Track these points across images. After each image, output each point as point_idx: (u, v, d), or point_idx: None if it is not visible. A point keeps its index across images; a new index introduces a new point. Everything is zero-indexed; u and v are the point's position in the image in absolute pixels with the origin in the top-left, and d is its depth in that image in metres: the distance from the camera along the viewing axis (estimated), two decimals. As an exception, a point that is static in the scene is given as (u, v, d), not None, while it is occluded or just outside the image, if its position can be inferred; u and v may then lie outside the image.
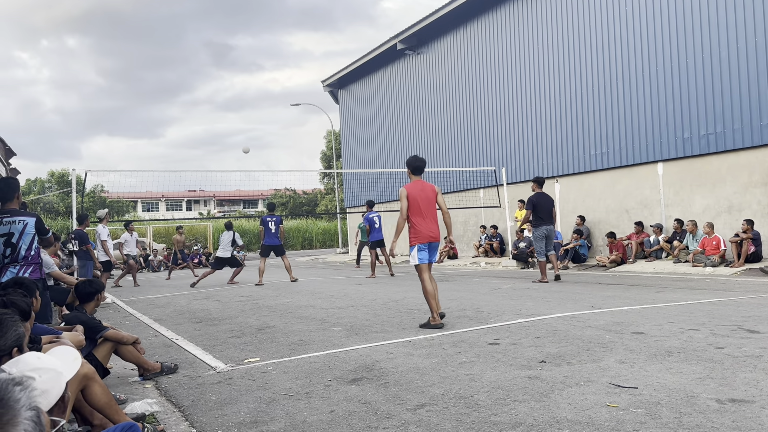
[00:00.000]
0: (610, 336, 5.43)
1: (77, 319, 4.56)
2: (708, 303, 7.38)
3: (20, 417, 1.23)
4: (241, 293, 11.60)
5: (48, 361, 2.30)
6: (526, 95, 17.94)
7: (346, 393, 4.07)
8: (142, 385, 4.72)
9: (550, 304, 7.85)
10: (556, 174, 16.97)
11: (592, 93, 15.88)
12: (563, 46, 16.65)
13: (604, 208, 15.78)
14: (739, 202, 12.87)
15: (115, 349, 4.74)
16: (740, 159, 12.82)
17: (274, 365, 5.06)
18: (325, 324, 7.09)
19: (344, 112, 28.38)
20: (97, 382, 3.28)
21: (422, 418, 3.46)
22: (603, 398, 3.60)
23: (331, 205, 47.87)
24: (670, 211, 14.16)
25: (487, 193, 19.11)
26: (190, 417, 3.83)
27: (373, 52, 24.36)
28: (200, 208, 71.85)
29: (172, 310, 9.52)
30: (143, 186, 17.06)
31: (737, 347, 4.74)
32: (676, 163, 14.03)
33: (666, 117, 14.08)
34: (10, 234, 5.37)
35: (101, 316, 6.75)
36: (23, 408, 1.25)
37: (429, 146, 22.08)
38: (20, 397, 1.27)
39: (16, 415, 1.24)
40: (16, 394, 1.27)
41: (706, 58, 13.25)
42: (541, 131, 17.44)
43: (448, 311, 7.52)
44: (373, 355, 5.21)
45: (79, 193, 12.81)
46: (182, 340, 6.63)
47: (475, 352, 5.08)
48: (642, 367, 4.27)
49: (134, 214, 62.43)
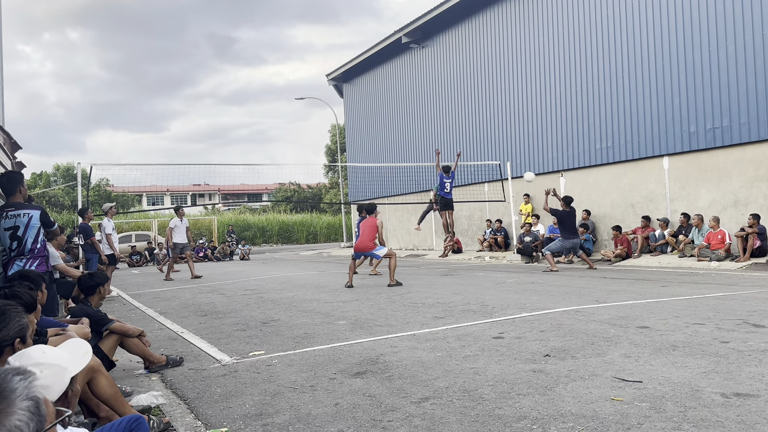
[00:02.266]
0: (614, 330, 5.42)
1: (83, 312, 4.59)
2: (713, 297, 7.36)
3: (14, 407, 1.23)
4: (246, 287, 11.62)
5: (53, 355, 2.29)
6: (532, 89, 17.87)
7: (351, 386, 4.08)
8: (148, 378, 4.74)
9: (555, 298, 7.84)
10: (562, 168, 16.93)
11: (597, 87, 15.81)
12: (569, 40, 16.57)
13: (610, 203, 15.74)
14: (745, 197, 12.81)
15: (121, 342, 4.77)
16: (746, 153, 12.75)
17: (279, 358, 5.07)
18: (329, 317, 7.11)
19: (349, 106, 28.34)
20: (102, 374, 3.29)
21: (426, 411, 3.47)
22: (607, 392, 3.60)
23: (336, 199, 47.90)
24: (676, 205, 14.11)
25: (491, 187, 19.07)
26: (196, 409, 3.85)
27: (377, 45, 24.30)
28: (205, 201, 72.00)
29: (178, 303, 9.55)
30: (148, 180, 17.12)
31: (742, 341, 4.73)
32: (681, 157, 13.97)
33: (672, 111, 14.01)
34: (16, 227, 5.39)
35: (107, 309, 6.78)
36: (19, 398, 1.25)
37: (433, 140, 22.04)
38: (17, 387, 1.27)
39: (10, 405, 1.24)
40: (13, 384, 1.27)
41: (713, 51, 13.16)
42: (547, 125, 17.38)
43: (453, 305, 7.52)
44: (378, 348, 5.22)
45: (85, 187, 12.83)
46: (187, 333, 6.65)
47: (479, 345, 5.08)
48: (647, 361, 4.26)
49: (139, 207, 62.60)
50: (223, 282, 13.08)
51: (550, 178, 17.16)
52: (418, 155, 22.66)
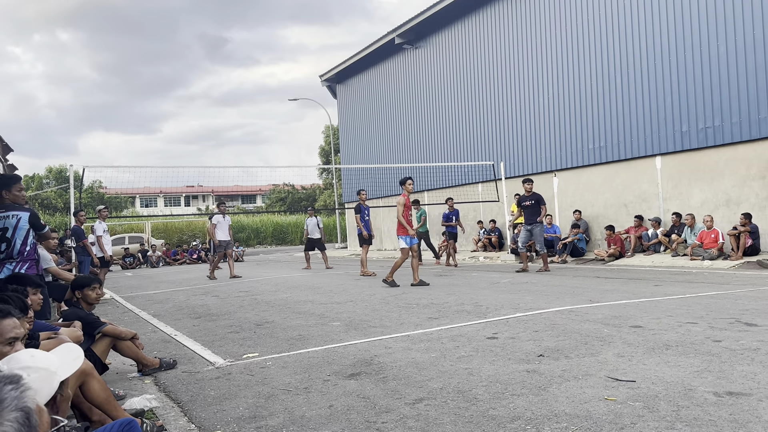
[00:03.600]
0: (608, 330, 5.44)
1: (75, 315, 4.56)
2: (706, 296, 7.39)
3: (2, 418, 1.21)
4: (240, 288, 11.60)
5: (42, 359, 2.26)
6: (525, 89, 17.91)
7: (345, 388, 4.07)
8: (141, 381, 4.72)
9: (549, 298, 7.86)
10: (555, 168, 16.97)
11: (589, 87, 15.86)
12: (561, 41, 16.61)
13: (603, 202, 15.79)
14: (737, 196, 12.88)
15: (114, 345, 4.74)
16: (738, 152, 12.82)
17: (273, 360, 5.06)
18: (323, 319, 7.10)
19: (342, 107, 28.33)
20: (95, 378, 3.27)
21: (420, 412, 3.47)
22: (601, 392, 3.61)
23: (330, 200, 47.84)
24: (669, 204, 14.17)
25: (485, 187, 19.10)
26: (189, 412, 3.83)
27: (370, 46, 24.30)
28: (199, 203, 71.80)
29: (171, 306, 9.52)
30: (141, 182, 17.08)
31: (735, 340, 4.75)
32: (674, 157, 14.03)
33: (664, 110, 14.07)
34: (5, 229, 5.32)
35: (99, 312, 6.75)
36: (8, 408, 1.22)
37: (427, 140, 22.06)
38: (6, 397, 1.24)
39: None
40: (3, 393, 1.24)
41: (704, 51, 13.23)
42: (540, 125, 17.43)
43: (447, 306, 7.53)
44: (372, 349, 5.21)
45: (77, 189, 12.78)
46: (181, 335, 6.63)
47: (473, 346, 5.09)
48: (640, 361, 4.27)
49: (132, 209, 62.35)
50: (216, 284, 13.05)
51: (543, 178, 17.20)
52: (412, 156, 22.67)
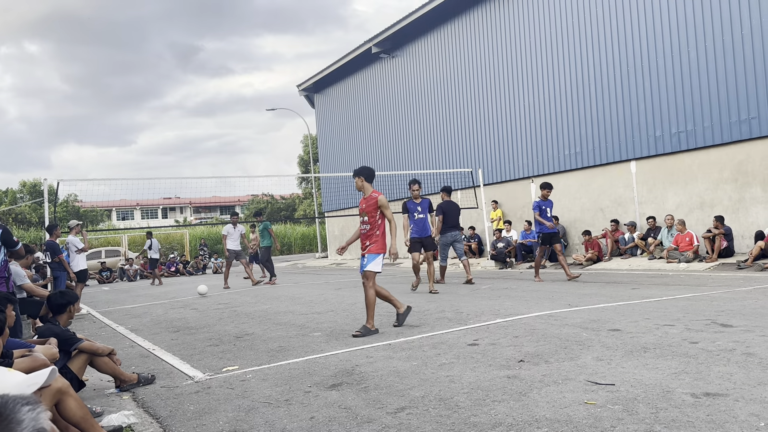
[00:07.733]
0: (587, 334, 5.49)
1: (50, 331, 4.48)
2: (682, 299, 7.50)
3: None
4: (220, 301, 11.49)
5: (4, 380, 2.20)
6: (502, 97, 18.08)
7: (326, 399, 4.05)
8: (119, 397, 4.65)
9: (528, 303, 7.91)
10: (532, 174, 17.12)
11: (565, 94, 16.06)
12: (536, 49, 16.81)
13: (580, 207, 15.96)
14: (711, 198, 13.11)
15: (91, 361, 4.67)
16: (711, 156, 13.06)
17: (254, 373, 5.02)
18: (304, 330, 7.06)
19: (320, 116, 28.32)
20: (71, 396, 3.22)
21: (402, 421, 3.46)
22: (581, 396, 3.64)
23: (310, 209, 47.71)
24: (644, 208, 14.37)
25: (464, 194, 19.20)
26: (168, 428, 3.78)
27: (347, 56, 24.36)
28: (176, 215, 71.14)
29: (149, 320, 9.39)
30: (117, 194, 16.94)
31: (711, 341, 4.82)
32: (648, 162, 14.25)
33: (638, 116, 14.29)
34: None
35: (76, 328, 6.64)
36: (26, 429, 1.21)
37: (406, 149, 22.13)
38: (24, 419, 1.22)
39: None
40: (21, 414, 1.22)
41: (676, 57, 13.48)
42: (517, 132, 17.59)
43: (428, 313, 7.54)
44: (353, 359, 5.20)
45: (52, 203, 12.59)
46: (159, 350, 6.54)
47: (454, 353, 5.09)
48: (618, 364, 4.32)
49: (109, 223, 61.57)
50: (195, 297, 12.91)
51: (520, 184, 17.35)
52: (391, 164, 22.71)
